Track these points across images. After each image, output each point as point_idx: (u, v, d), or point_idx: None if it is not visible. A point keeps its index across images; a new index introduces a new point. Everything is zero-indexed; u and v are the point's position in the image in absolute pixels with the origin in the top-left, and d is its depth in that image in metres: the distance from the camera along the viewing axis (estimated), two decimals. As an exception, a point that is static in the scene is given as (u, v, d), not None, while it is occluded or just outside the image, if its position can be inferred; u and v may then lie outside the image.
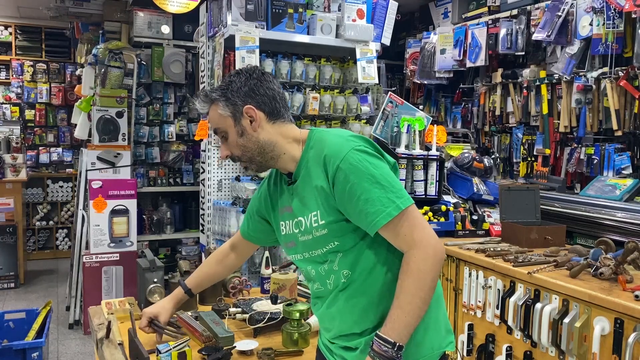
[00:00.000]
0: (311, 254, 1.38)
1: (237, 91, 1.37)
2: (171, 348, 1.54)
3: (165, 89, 4.90)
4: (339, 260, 1.33)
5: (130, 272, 4.08)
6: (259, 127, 1.37)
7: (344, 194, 1.25)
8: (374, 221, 1.23)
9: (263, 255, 2.39)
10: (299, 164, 1.37)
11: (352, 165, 1.24)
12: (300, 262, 1.44)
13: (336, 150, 1.27)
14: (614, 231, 2.72)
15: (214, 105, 1.39)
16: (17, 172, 5.31)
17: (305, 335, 1.78)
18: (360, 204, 1.23)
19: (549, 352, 2.11)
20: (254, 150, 1.38)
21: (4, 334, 3.29)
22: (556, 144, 3.55)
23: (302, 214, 1.36)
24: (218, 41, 3.15)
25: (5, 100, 6.70)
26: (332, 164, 1.26)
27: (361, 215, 1.24)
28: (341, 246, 1.32)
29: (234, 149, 1.40)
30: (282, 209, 1.46)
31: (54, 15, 5.18)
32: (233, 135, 1.38)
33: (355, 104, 3.44)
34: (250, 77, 1.39)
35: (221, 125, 1.39)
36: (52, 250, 6.63)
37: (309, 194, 1.34)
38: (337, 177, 1.25)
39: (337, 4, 3.44)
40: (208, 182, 3.31)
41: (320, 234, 1.32)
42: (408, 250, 1.23)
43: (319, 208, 1.31)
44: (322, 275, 1.38)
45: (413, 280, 1.21)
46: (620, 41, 3.05)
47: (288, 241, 1.45)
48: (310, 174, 1.33)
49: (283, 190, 1.46)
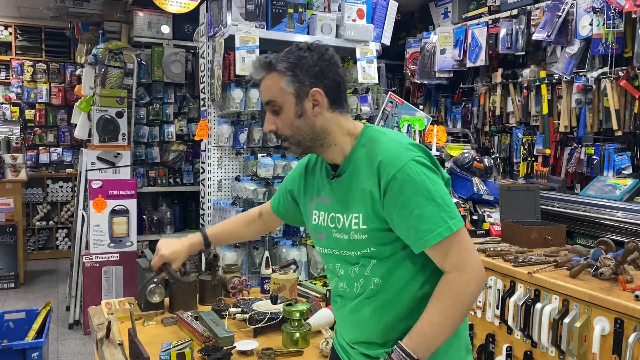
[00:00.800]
0: (342, 252, 1.32)
1: (308, 70, 1.28)
2: (171, 348, 1.54)
3: (165, 89, 4.90)
4: (372, 266, 1.28)
5: (130, 272, 4.08)
6: (320, 112, 1.29)
7: (395, 205, 1.20)
8: (423, 239, 1.18)
9: (263, 255, 2.39)
10: (347, 159, 1.31)
11: (409, 177, 1.18)
12: (328, 256, 1.39)
13: (393, 158, 1.21)
14: (614, 231, 2.72)
15: (276, 76, 1.28)
16: (17, 172, 5.31)
17: (306, 335, 1.78)
18: (412, 219, 1.18)
19: (549, 352, 2.11)
20: (307, 135, 1.30)
21: (4, 334, 3.29)
22: (556, 144, 3.55)
23: (341, 211, 1.31)
24: (218, 41, 3.15)
25: (5, 100, 6.70)
26: (387, 172, 1.20)
27: (410, 231, 1.19)
28: (377, 253, 1.26)
29: (284, 127, 1.31)
30: (318, 199, 1.39)
31: (54, 15, 5.18)
32: (289, 114, 1.29)
33: (355, 104, 3.44)
34: (321, 57, 1.30)
35: (278, 99, 1.29)
36: (52, 250, 6.63)
37: (353, 194, 1.28)
38: (390, 186, 1.20)
39: (337, 4, 3.44)
40: (208, 182, 3.31)
41: (358, 237, 1.27)
42: (451, 271, 1.19)
43: (363, 212, 1.25)
44: (350, 277, 1.32)
45: (451, 302, 1.17)
46: (620, 41, 3.05)
47: (318, 232, 1.39)
48: (358, 174, 1.28)
49: (323, 180, 1.39)
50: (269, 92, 1.30)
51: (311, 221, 1.42)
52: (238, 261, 3.13)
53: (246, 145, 3.28)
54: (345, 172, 1.31)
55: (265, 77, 1.30)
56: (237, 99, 3.10)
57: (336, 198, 1.33)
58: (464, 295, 1.18)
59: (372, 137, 1.30)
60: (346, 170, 1.31)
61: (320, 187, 1.40)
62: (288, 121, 1.29)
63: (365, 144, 1.29)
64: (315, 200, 1.41)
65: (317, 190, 1.41)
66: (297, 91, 1.27)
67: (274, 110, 1.30)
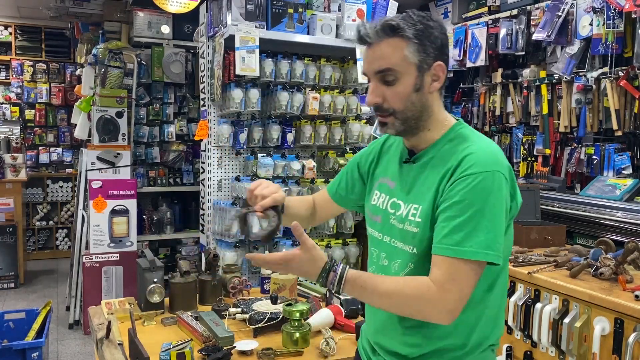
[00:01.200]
0: (392, 242, 1.25)
1: (434, 41, 1.16)
2: (171, 348, 1.54)
3: (165, 89, 4.90)
4: (408, 270, 1.22)
5: (130, 272, 4.08)
6: (436, 89, 1.19)
7: (453, 197, 1.12)
8: (444, 245, 1.10)
9: (263, 255, 2.39)
10: (428, 148, 1.24)
11: (485, 185, 1.10)
12: (377, 241, 1.31)
13: (483, 159, 1.12)
14: (614, 231, 2.72)
15: (400, 42, 1.15)
16: (17, 172, 5.31)
17: (306, 335, 1.78)
18: (454, 221, 1.10)
19: (549, 352, 2.11)
20: (417, 112, 1.19)
21: (4, 334, 3.29)
22: (556, 144, 3.55)
23: (403, 199, 1.24)
24: (218, 41, 3.15)
25: (5, 100, 6.70)
26: (468, 167, 1.12)
27: (440, 230, 1.12)
28: (419, 256, 1.19)
29: (397, 100, 1.18)
30: (383, 179, 1.33)
31: (54, 15, 5.19)
32: (407, 86, 1.17)
33: (355, 104, 3.44)
34: (442, 29, 1.19)
35: (397, 69, 1.16)
36: (52, 250, 6.63)
37: (420, 185, 1.21)
38: (463, 179, 1.11)
39: (337, 4, 3.44)
40: (208, 182, 3.31)
41: (410, 229, 1.20)
42: (435, 285, 1.10)
43: (423, 204, 1.18)
44: (389, 272, 1.26)
45: (410, 301, 1.12)
46: (620, 41, 3.04)
47: (375, 213, 1.33)
48: (434, 167, 1.20)
49: (395, 162, 1.32)
50: (387, 58, 1.16)
51: (370, 200, 1.35)
52: (238, 261, 3.13)
53: (246, 145, 3.28)
54: (421, 161, 1.24)
55: (383, 41, 1.16)
56: (237, 99, 3.10)
57: (402, 184, 1.26)
58: (421, 308, 1.11)
59: (462, 134, 1.22)
60: (422, 159, 1.24)
61: (389, 168, 1.33)
62: (404, 94, 1.17)
63: (453, 139, 1.21)
64: (380, 180, 1.34)
65: (385, 170, 1.34)
66: (421, 62, 1.16)
67: (387, 81, 1.17)
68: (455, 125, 1.25)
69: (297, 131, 3.36)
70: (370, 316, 1.37)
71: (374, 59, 1.18)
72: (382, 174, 1.35)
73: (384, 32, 1.15)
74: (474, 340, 1.22)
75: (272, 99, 3.27)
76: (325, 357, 1.71)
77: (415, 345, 1.23)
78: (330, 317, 1.93)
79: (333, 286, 1.16)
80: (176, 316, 1.94)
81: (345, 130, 3.44)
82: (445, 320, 1.11)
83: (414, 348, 1.24)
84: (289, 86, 3.26)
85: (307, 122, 3.35)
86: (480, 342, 1.24)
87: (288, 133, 3.31)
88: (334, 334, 1.83)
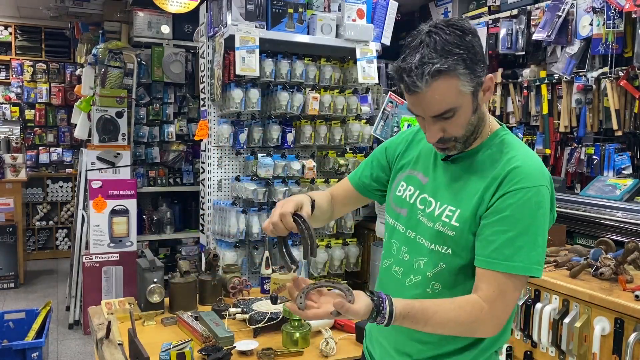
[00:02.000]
0: (419, 239, 1.22)
1: (480, 58, 1.09)
2: (171, 348, 1.54)
3: (165, 89, 4.90)
4: (438, 270, 1.19)
5: (130, 272, 4.08)
6: (489, 98, 1.15)
7: (500, 212, 1.11)
8: (494, 260, 1.10)
9: (263, 255, 2.39)
10: (470, 151, 1.20)
11: (532, 202, 1.09)
12: (398, 234, 1.28)
13: (532, 173, 1.12)
14: (614, 231, 2.72)
15: (451, 80, 1.06)
16: (17, 172, 5.31)
17: (306, 335, 1.78)
18: (502, 236, 1.09)
19: (549, 352, 2.11)
20: (475, 127, 1.16)
21: (3, 334, 3.29)
22: (556, 144, 3.55)
23: (437, 197, 1.21)
24: (218, 41, 3.15)
25: (5, 100, 6.70)
26: (517, 180, 1.11)
27: (492, 245, 1.10)
28: (452, 258, 1.17)
29: (457, 129, 1.13)
30: (412, 172, 1.29)
31: (54, 15, 5.19)
32: (466, 115, 1.12)
33: (355, 104, 3.44)
34: (478, 38, 1.11)
35: (456, 105, 1.09)
36: (52, 250, 6.63)
37: (460, 187, 1.18)
38: (512, 194, 1.10)
39: (337, 4, 3.44)
40: (208, 182, 3.31)
41: (444, 230, 1.17)
42: (487, 304, 1.10)
43: (462, 208, 1.16)
44: (411, 268, 1.22)
45: (462, 325, 1.11)
46: (620, 41, 3.04)
47: (399, 205, 1.28)
48: (476, 172, 1.18)
49: (429, 157, 1.28)
50: (443, 102, 1.09)
51: (394, 192, 1.31)
52: (238, 261, 3.13)
53: (246, 145, 3.28)
54: (461, 162, 1.21)
55: (434, 86, 1.06)
56: (237, 99, 3.10)
57: (436, 181, 1.23)
58: (474, 329, 1.12)
59: (505, 141, 1.20)
60: (463, 160, 1.21)
61: (421, 162, 1.29)
62: (464, 122, 1.13)
63: (497, 144, 1.19)
64: (409, 172, 1.30)
65: (415, 163, 1.30)
66: (475, 87, 1.10)
67: (445, 118, 1.11)
68: (499, 131, 1.22)
69: (297, 131, 3.36)
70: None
71: (429, 105, 1.10)
72: (412, 166, 1.30)
73: (434, 78, 1.05)
74: (485, 344, 1.23)
75: (272, 99, 3.27)
76: (325, 357, 1.71)
77: (430, 344, 1.23)
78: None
79: (382, 323, 1.10)
80: (176, 316, 1.94)
81: (345, 130, 3.44)
82: (492, 333, 1.14)
83: (428, 348, 1.23)
84: (289, 86, 3.26)
85: (307, 122, 3.35)
86: (490, 346, 1.24)
87: (288, 133, 3.31)
88: (334, 334, 1.83)
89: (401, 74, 1.09)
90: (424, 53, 1.06)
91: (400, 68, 1.09)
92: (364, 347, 1.46)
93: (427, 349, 1.23)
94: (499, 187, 1.13)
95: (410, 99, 1.12)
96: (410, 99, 1.12)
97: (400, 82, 1.11)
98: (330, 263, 3.29)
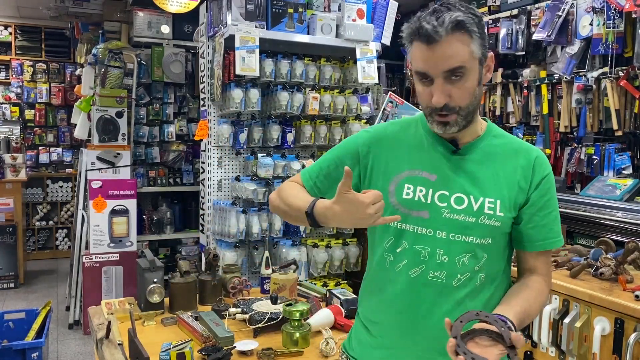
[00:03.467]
0: (456, 237, 1.19)
1: (486, 32, 1.16)
2: (171, 348, 1.54)
3: (165, 89, 4.89)
4: (484, 261, 1.21)
5: (130, 272, 4.08)
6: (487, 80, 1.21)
7: (540, 200, 1.23)
8: (554, 239, 1.25)
9: (263, 255, 2.39)
10: (476, 140, 1.24)
11: (552, 183, 1.26)
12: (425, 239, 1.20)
13: (545, 161, 1.27)
14: (614, 231, 2.72)
15: (466, 37, 1.11)
16: (17, 172, 5.31)
17: (306, 335, 1.78)
18: (550, 218, 1.24)
19: (549, 352, 2.11)
20: (475, 106, 1.18)
21: (3, 334, 3.29)
22: (556, 144, 3.55)
23: (467, 192, 1.20)
24: (218, 41, 3.15)
25: (5, 100, 6.70)
26: (542, 169, 1.24)
27: (544, 229, 1.23)
28: (492, 247, 1.21)
29: (463, 97, 1.14)
30: (415, 172, 1.23)
31: (54, 15, 5.19)
32: (473, 82, 1.14)
33: (355, 104, 3.44)
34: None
35: (466, 64, 1.11)
36: (52, 250, 6.63)
37: (486, 177, 1.21)
38: (544, 182, 1.23)
39: (337, 4, 3.44)
40: (208, 182, 3.30)
41: (490, 223, 1.19)
42: (546, 277, 1.26)
43: (501, 198, 1.20)
44: (455, 267, 1.19)
45: (544, 301, 1.24)
46: (620, 41, 3.04)
47: (415, 209, 1.21)
48: (494, 160, 1.22)
49: (430, 153, 1.25)
50: (457, 56, 1.10)
51: (401, 195, 1.22)
52: (238, 261, 3.13)
53: (246, 145, 3.28)
54: (472, 154, 1.23)
55: (452, 37, 1.09)
56: (237, 99, 3.10)
57: (454, 176, 1.21)
58: (545, 302, 1.28)
59: (502, 133, 1.30)
60: (473, 152, 1.23)
61: (415, 160, 1.25)
62: (470, 90, 1.15)
63: (498, 136, 1.27)
64: (407, 173, 1.24)
65: (410, 162, 1.25)
66: (482, 55, 1.15)
67: (453, 78, 1.12)
68: (490, 123, 1.30)
69: (297, 131, 3.36)
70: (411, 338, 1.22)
71: (443, 58, 1.10)
72: (409, 166, 1.24)
73: (453, 29, 1.09)
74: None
75: (272, 99, 3.27)
76: (325, 357, 1.71)
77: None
78: (330, 317, 1.93)
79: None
80: (176, 316, 1.94)
81: (345, 130, 3.44)
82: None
83: None
84: (289, 86, 3.26)
85: (307, 122, 3.35)
86: None
87: (288, 133, 3.31)
88: (334, 334, 1.83)
89: (421, 23, 1.11)
90: (445, 9, 1.11)
91: (421, 18, 1.12)
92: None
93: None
94: (534, 176, 1.23)
95: (425, 53, 1.12)
96: (424, 54, 1.12)
97: (417, 35, 1.12)
98: (330, 263, 3.29)
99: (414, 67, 1.17)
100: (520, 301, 1.18)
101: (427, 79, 1.15)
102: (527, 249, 1.25)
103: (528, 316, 1.18)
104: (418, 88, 1.20)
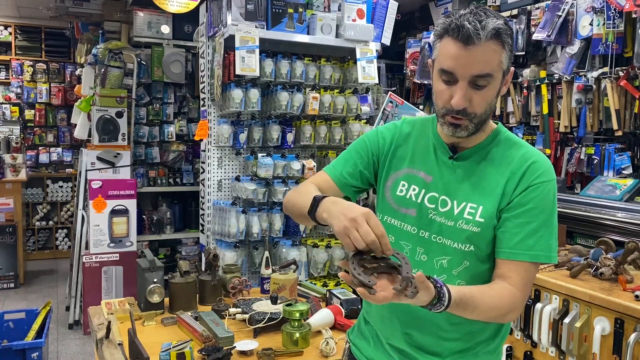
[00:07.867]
0: (436, 238, 1.22)
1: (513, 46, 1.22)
2: (171, 348, 1.54)
3: (165, 89, 4.90)
4: (463, 268, 1.20)
5: (130, 272, 4.08)
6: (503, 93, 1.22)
7: (522, 206, 1.16)
8: (519, 251, 1.16)
9: (263, 255, 2.39)
10: (478, 146, 1.23)
11: (549, 194, 1.17)
12: (409, 235, 1.25)
13: (547, 168, 1.19)
14: (614, 231, 2.72)
15: (499, 48, 1.12)
16: (16, 172, 5.31)
17: (306, 335, 1.78)
18: (525, 228, 1.16)
19: (549, 352, 2.11)
20: (488, 115, 1.20)
21: (3, 334, 3.29)
22: (556, 144, 3.55)
23: (452, 196, 1.21)
24: (218, 41, 3.15)
25: (5, 100, 6.70)
26: (537, 175, 1.17)
27: (513, 237, 1.16)
28: (475, 255, 1.20)
29: (481, 104, 1.15)
30: (413, 170, 1.27)
31: (54, 15, 5.18)
32: (493, 92, 1.15)
33: (355, 104, 3.44)
34: None
35: (494, 74, 1.13)
36: (51, 250, 6.63)
37: (475, 183, 1.21)
38: (533, 188, 1.16)
39: (337, 4, 3.44)
40: (208, 182, 3.30)
41: (468, 228, 1.19)
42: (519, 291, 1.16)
43: (484, 204, 1.18)
44: (433, 269, 1.22)
45: (502, 309, 1.15)
46: (620, 41, 3.04)
47: (404, 206, 1.26)
48: (491, 167, 1.21)
49: (430, 155, 1.27)
50: (488, 63, 1.11)
51: (394, 192, 1.28)
52: (238, 261, 3.13)
53: (246, 145, 3.28)
54: (468, 160, 1.23)
55: (487, 44, 1.10)
56: (237, 99, 3.10)
57: (444, 180, 1.23)
58: (509, 314, 1.17)
59: (511, 138, 1.25)
60: (470, 157, 1.23)
61: (417, 159, 1.28)
62: (489, 99, 1.16)
63: (503, 141, 1.24)
64: (406, 171, 1.29)
65: (411, 161, 1.29)
66: (507, 67, 1.16)
67: (478, 85, 1.13)
68: (500, 128, 1.27)
69: (297, 131, 3.36)
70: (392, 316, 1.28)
71: (475, 62, 1.11)
72: (409, 165, 1.29)
73: (493, 36, 1.10)
74: (503, 332, 1.29)
75: (272, 99, 3.27)
76: (326, 357, 1.71)
77: (455, 340, 1.24)
78: (330, 317, 1.93)
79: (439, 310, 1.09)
80: (176, 316, 1.94)
81: (345, 130, 3.44)
82: (516, 317, 1.25)
83: (453, 344, 1.24)
84: (289, 86, 3.26)
85: (307, 122, 3.35)
86: (504, 334, 1.30)
87: (288, 133, 3.31)
88: (334, 334, 1.83)
89: (462, 22, 1.09)
90: (483, 14, 1.11)
91: (462, 16, 1.11)
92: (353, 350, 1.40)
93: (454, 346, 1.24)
94: (520, 181, 1.18)
95: (459, 52, 1.10)
96: (458, 53, 1.10)
97: (455, 33, 1.10)
98: (331, 263, 3.29)
99: (440, 63, 1.15)
100: (470, 287, 1.15)
101: (452, 79, 1.14)
102: (496, 255, 1.20)
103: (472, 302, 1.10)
104: (438, 86, 1.18)
